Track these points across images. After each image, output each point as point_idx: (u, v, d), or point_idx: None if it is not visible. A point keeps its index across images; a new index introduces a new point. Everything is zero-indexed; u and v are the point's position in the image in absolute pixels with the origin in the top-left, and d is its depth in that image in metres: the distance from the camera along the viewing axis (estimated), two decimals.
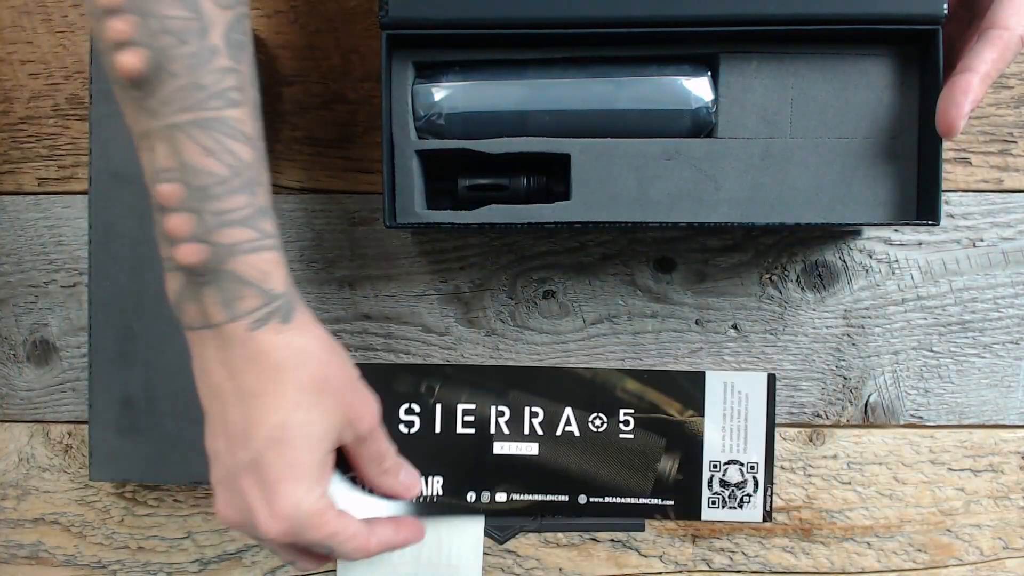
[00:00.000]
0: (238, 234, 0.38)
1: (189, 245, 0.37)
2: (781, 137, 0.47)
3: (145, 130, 0.37)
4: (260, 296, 0.39)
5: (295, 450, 0.40)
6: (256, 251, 0.38)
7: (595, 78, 0.47)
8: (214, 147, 0.37)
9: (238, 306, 0.38)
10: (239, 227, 0.38)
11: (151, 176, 0.37)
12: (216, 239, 0.37)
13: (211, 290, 0.38)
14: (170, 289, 0.39)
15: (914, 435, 0.54)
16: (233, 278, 0.38)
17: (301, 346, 0.40)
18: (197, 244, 0.37)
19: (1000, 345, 0.53)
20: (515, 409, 0.53)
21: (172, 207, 0.37)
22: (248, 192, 0.38)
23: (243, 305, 0.38)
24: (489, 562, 0.54)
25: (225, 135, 0.37)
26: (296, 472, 0.40)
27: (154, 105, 0.36)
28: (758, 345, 0.54)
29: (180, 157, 0.36)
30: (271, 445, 0.39)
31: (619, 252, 0.54)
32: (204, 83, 0.36)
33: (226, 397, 0.40)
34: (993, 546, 0.54)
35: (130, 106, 0.37)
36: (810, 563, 0.54)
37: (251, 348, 0.39)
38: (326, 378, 0.41)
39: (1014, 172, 0.53)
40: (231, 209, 0.37)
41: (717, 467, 0.53)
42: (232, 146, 0.37)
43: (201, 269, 0.38)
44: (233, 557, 0.55)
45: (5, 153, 0.54)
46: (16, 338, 0.55)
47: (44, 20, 0.54)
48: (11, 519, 0.55)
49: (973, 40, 0.43)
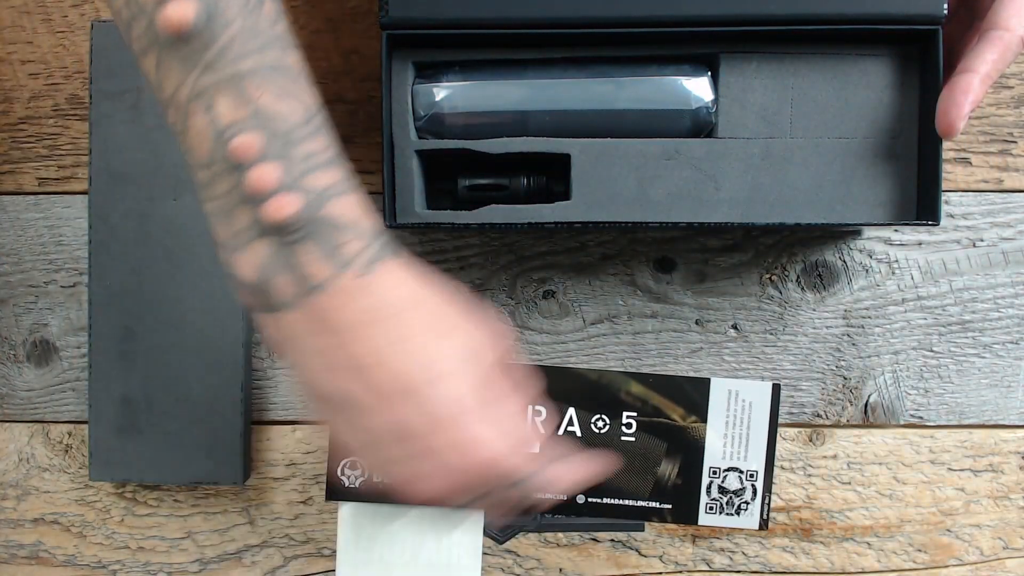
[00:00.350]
0: (327, 177, 0.35)
1: (281, 197, 0.34)
2: (781, 137, 0.47)
3: (199, 89, 0.33)
4: (361, 238, 0.35)
5: (462, 378, 0.36)
6: (345, 193, 0.35)
7: (595, 78, 0.47)
8: (285, 90, 0.34)
9: (342, 253, 0.35)
10: (326, 169, 0.35)
11: (214, 138, 0.34)
12: (308, 184, 0.34)
13: (309, 245, 0.34)
14: (250, 267, 0.35)
15: (914, 435, 0.54)
16: (331, 225, 0.35)
17: (416, 278, 0.37)
18: (289, 194, 0.34)
19: (1000, 345, 0.53)
20: None
21: (252, 159, 0.33)
22: (325, 133, 0.35)
23: (347, 251, 0.35)
24: (489, 562, 0.54)
25: (290, 79, 0.35)
26: (478, 400, 0.37)
27: (211, 57, 0.33)
28: (758, 345, 0.54)
29: (252, 105, 0.33)
30: (437, 384, 0.36)
31: (619, 252, 0.54)
32: (260, 28, 0.34)
33: (359, 362, 0.35)
34: (993, 546, 0.54)
35: (176, 66, 0.33)
36: (810, 563, 0.54)
37: (369, 295, 0.35)
38: (450, 305, 0.38)
39: (1014, 172, 0.53)
40: (315, 152, 0.35)
41: (716, 473, 0.53)
42: (299, 89, 0.35)
43: (296, 222, 0.34)
44: (233, 557, 0.55)
45: (5, 153, 0.54)
46: (16, 338, 0.55)
47: (44, 20, 0.54)
48: (11, 519, 0.55)
49: (973, 41, 0.43)
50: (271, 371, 0.55)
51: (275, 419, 0.55)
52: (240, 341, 0.52)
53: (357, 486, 0.54)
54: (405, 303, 0.36)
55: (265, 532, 0.55)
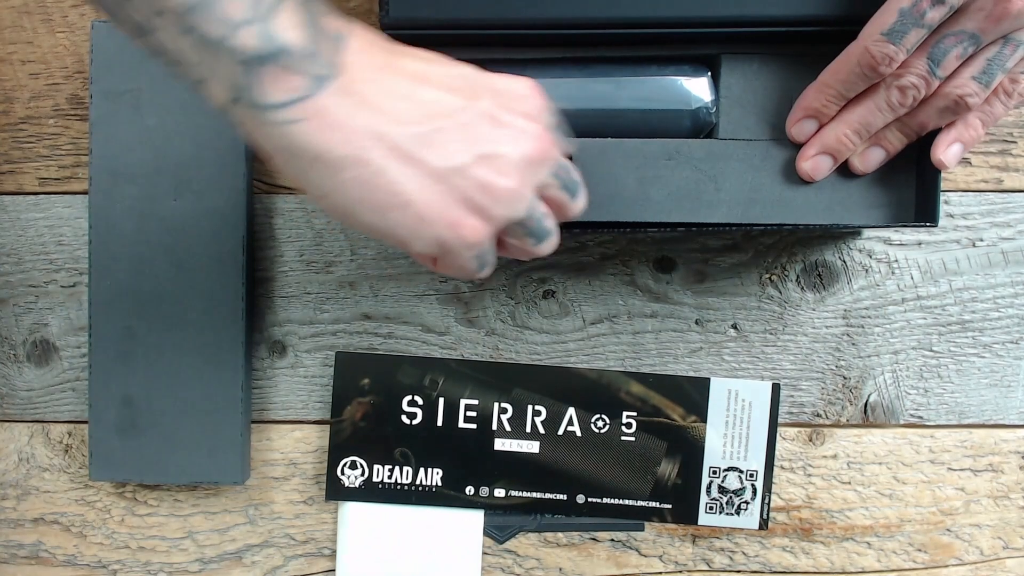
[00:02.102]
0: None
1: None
2: (781, 138, 0.47)
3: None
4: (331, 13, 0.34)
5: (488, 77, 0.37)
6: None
7: (595, 77, 0.47)
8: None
9: (330, 24, 0.34)
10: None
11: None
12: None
13: (320, 4, 0.33)
14: (294, 33, 0.32)
15: (914, 435, 0.54)
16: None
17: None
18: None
19: (1000, 345, 0.53)
20: (518, 407, 0.53)
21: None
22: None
23: (331, 24, 0.34)
24: (489, 562, 0.54)
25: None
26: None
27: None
28: (758, 345, 0.54)
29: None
30: (492, 80, 0.37)
31: (619, 252, 0.54)
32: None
33: (390, 115, 0.34)
34: (993, 546, 0.54)
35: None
36: (810, 563, 0.54)
37: (382, 49, 0.35)
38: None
39: (1014, 172, 0.53)
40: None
41: (716, 473, 0.53)
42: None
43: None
44: (233, 557, 0.55)
45: (5, 153, 0.54)
46: (16, 338, 0.55)
47: (44, 20, 0.54)
48: (11, 519, 0.55)
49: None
50: (271, 371, 0.55)
51: (275, 419, 0.55)
52: (240, 341, 0.52)
53: (357, 486, 0.54)
54: (403, 47, 0.36)
55: (265, 532, 0.55)
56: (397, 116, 0.34)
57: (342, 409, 0.53)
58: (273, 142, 0.34)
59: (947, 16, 0.40)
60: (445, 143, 0.35)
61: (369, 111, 0.34)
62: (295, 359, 0.54)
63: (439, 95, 0.35)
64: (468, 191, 0.35)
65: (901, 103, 0.43)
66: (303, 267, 0.54)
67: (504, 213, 0.36)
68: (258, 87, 0.32)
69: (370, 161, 0.34)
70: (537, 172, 0.37)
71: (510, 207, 0.36)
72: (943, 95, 0.42)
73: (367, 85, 0.34)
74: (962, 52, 0.41)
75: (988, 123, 0.44)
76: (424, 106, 0.35)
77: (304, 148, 0.33)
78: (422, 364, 0.53)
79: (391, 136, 0.34)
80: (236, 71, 0.32)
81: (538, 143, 0.36)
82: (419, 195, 0.35)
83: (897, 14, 0.40)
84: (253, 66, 0.32)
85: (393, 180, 0.34)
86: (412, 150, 0.34)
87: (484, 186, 0.35)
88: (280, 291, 0.54)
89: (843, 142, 0.45)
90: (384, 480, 0.54)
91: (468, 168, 0.35)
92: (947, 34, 0.40)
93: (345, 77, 0.33)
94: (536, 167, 0.37)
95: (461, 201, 0.35)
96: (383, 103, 0.34)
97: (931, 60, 0.41)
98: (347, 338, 0.54)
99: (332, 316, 0.54)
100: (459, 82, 0.36)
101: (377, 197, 0.35)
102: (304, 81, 0.32)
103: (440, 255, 0.37)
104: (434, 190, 0.35)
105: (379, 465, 0.54)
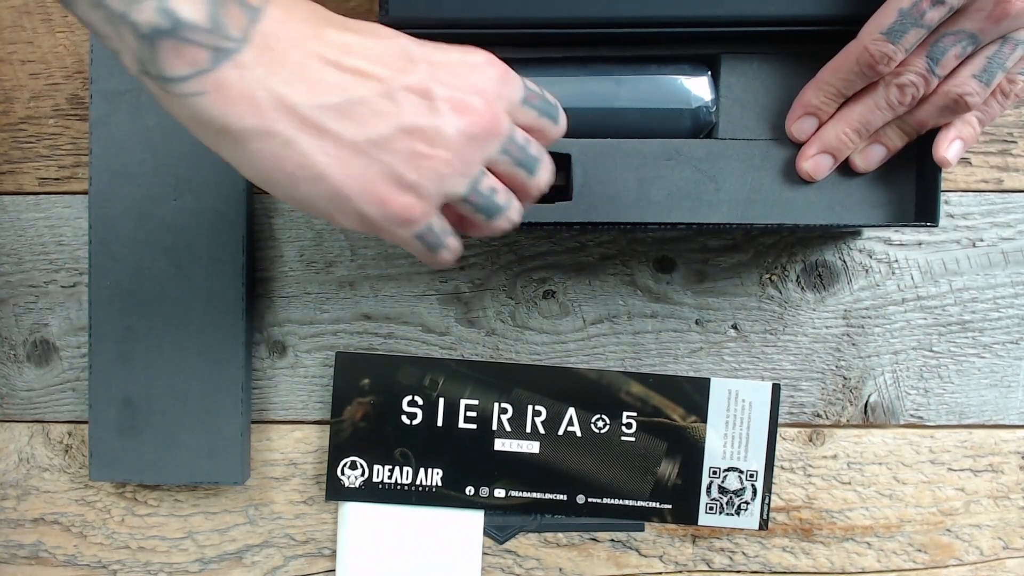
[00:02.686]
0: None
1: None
2: (781, 138, 0.47)
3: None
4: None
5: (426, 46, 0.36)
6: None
7: (595, 77, 0.47)
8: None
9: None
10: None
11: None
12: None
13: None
14: (197, 9, 0.32)
15: (914, 435, 0.54)
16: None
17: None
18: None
19: (1000, 345, 0.53)
20: (518, 407, 0.53)
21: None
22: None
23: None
24: (489, 562, 0.54)
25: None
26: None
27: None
28: (758, 345, 0.54)
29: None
30: (426, 49, 0.36)
31: (619, 252, 0.54)
32: None
33: (334, 60, 0.34)
34: (993, 546, 0.54)
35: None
36: (810, 563, 0.54)
37: (306, 20, 0.34)
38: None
39: (1014, 172, 0.53)
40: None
41: (716, 473, 0.53)
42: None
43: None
44: (233, 557, 0.55)
45: (5, 153, 0.54)
46: (16, 338, 0.55)
47: (44, 20, 0.54)
48: (11, 519, 0.55)
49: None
50: (271, 371, 0.55)
51: (275, 419, 0.55)
52: (240, 341, 0.52)
53: (357, 486, 0.54)
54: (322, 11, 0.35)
55: (265, 532, 0.55)
56: (310, 87, 0.33)
57: (342, 409, 0.53)
58: (180, 113, 0.34)
59: (947, 16, 0.40)
60: (363, 115, 0.34)
61: (279, 82, 0.33)
62: (295, 359, 0.54)
63: (362, 65, 0.34)
64: (394, 165, 0.34)
65: (900, 101, 0.43)
66: (303, 267, 0.54)
67: (438, 189, 0.36)
68: (160, 60, 0.32)
69: (276, 132, 0.33)
70: (481, 147, 0.36)
71: (444, 182, 0.36)
72: (943, 94, 0.42)
73: (281, 55, 0.33)
74: (961, 51, 0.41)
75: (985, 122, 0.45)
76: (343, 77, 0.34)
77: (209, 120, 0.33)
78: (422, 364, 0.53)
79: (300, 108, 0.33)
80: (137, 44, 0.32)
81: (478, 117, 0.35)
82: (334, 169, 0.34)
83: (897, 13, 0.40)
84: (152, 39, 0.32)
85: (302, 152, 0.34)
86: (322, 121, 0.34)
87: (411, 160, 0.35)
88: (280, 291, 0.54)
89: (843, 140, 0.45)
90: (384, 480, 0.54)
91: (390, 141, 0.34)
92: (946, 33, 0.40)
93: (255, 48, 0.33)
94: (478, 142, 0.36)
95: (386, 176, 0.35)
96: (296, 74, 0.33)
97: (930, 59, 0.41)
98: (347, 338, 0.54)
99: (332, 316, 0.54)
100: (390, 53, 0.35)
101: (286, 168, 0.34)
102: (204, 54, 0.32)
103: (372, 232, 0.36)
104: (352, 164, 0.34)
105: (379, 465, 0.54)
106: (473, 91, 0.36)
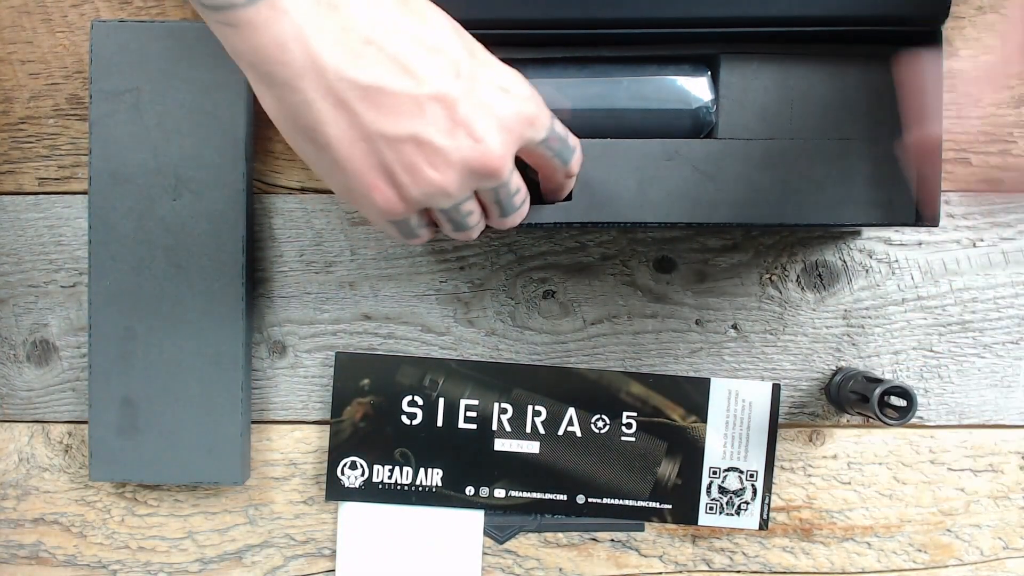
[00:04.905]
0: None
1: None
2: (781, 137, 0.47)
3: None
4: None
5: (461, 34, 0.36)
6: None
7: (595, 77, 0.47)
8: None
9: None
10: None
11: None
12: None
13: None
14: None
15: (914, 435, 0.54)
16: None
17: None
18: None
19: (1000, 345, 0.53)
20: (518, 407, 0.53)
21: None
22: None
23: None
24: (489, 562, 0.54)
25: None
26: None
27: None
28: (758, 345, 0.54)
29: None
30: (458, 32, 0.36)
31: (619, 252, 0.54)
32: None
33: (344, 56, 0.33)
34: (993, 546, 0.54)
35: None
36: (810, 563, 0.54)
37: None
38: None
39: (1014, 172, 0.53)
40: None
41: (717, 474, 0.53)
42: None
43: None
44: (233, 557, 0.55)
45: (5, 153, 0.54)
46: (16, 338, 0.55)
47: (44, 20, 0.54)
48: (11, 519, 0.55)
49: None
50: (271, 371, 0.55)
51: (275, 419, 0.55)
52: (240, 341, 0.52)
53: (357, 486, 0.54)
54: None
55: (265, 532, 0.55)
56: (347, 58, 0.33)
57: (342, 409, 0.53)
58: (224, 42, 0.34)
59: None
60: (386, 107, 0.34)
61: (319, 41, 0.32)
62: (295, 359, 0.54)
63: (404, 56, 0.34)
64: (391, 163, 0.35)
65: None
66: (303, 267, 0.54)
67: (424, 198, 0.36)
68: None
69: (299, 90, 0.33)
70: (476, 182, 0.36)
71: (431, 197, 0.36)
72: None
73: (331, 11, 0.32)
74: None
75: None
76: (381, 60, 0.33)
77: (237, 53, 0.33)
78: (422, 364, 0.53)
79: (329, 74, 0.33)
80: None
81: (486, 157, 0.35)
82: (341, 143, 0.34)
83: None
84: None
85: (317, 118, 0.34)
86: (347, 97, 0.33)
87: (409, 167, 0.35)
88: (280, 291, 0.54)
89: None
90: (384, 480, 0.54)
91: (399, 144, 0.34)
92: None
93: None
94: (476, 177, 0.36)
95: (381, 168, 0.35)
96: (339, 40, 0.33)
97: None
98: (347, 338, 0.54)
99: (332, 316, 0.54)
100: (440, 51, 0.35)
101: (298, 123, 0.34)
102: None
103: (349, 203, 0.36)
104: (357, 146, 0.34)
105: (379, 465, 0.54)
106: (496, 125, 0.36)
